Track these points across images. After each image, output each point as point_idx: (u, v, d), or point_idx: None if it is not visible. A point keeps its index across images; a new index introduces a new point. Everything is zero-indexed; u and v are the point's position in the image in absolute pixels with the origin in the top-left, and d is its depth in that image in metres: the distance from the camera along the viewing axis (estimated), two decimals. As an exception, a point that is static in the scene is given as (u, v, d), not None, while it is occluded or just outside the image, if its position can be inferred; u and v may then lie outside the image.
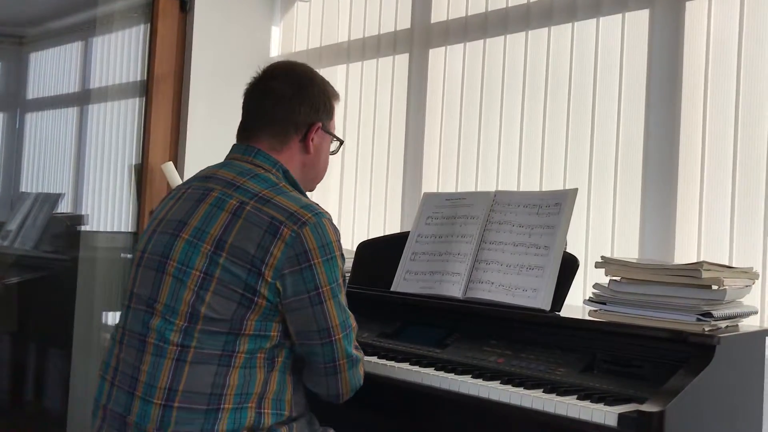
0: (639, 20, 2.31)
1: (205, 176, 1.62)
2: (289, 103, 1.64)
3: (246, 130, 1.67)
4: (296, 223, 1.47)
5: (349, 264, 2.30)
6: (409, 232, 2.16)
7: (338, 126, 3.21)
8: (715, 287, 1.59)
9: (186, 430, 1.42)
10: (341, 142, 1.80)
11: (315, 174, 1.75)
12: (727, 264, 1.92)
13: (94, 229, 3.35)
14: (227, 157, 1.67)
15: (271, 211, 1.48)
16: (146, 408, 1.43)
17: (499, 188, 2.53)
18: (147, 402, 1.44)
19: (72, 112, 3.54)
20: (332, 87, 1.75)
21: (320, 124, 1.68)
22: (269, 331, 1.48)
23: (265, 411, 1.47)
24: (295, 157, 1.66)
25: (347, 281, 1.59)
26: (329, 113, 1.71)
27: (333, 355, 1.53)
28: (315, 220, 1.49)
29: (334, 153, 1.79)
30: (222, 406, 1.43)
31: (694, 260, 1.96)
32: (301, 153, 1.67)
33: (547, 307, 1.79)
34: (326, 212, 1.54)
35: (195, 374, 1.43)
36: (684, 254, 2.15)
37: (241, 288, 1.45)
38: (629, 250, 2.26)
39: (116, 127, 3.41)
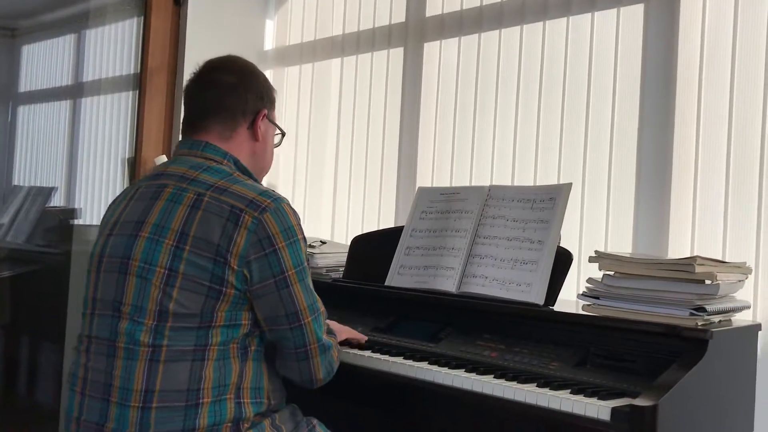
0: (634, 15, 2.30)
1: (155, 174, 1.61)
2: (236, 91, 1.65)
3: (192, 124, 1.66)
4: (256, 209, 1.47)
5: (343, 258, 2.30)
6: (403, 226, 2.16)
7: (332, 120, 3.23)
8: (708, 282, 1.60)
9: (167, 430, 1.40)
10: (283, 134, 1.81)
11: (263, 163, 1.74)
12: (720, 259, 1.93)
13: (87, 223, 3.34)
14: (174, 154, 1.66)
15: (229, 199, 1.48)
16: (124, 413, 1.41)
17: (494, 183, 2.53)
18: (124, 406, 1.42)
19: (65, 105, 3.52)
20: (270, 83, 1.77)
21: (266, 112, 1.69)
22: (240, 320, 1.48)
23: (245, 401, 1.47)
24: (244, 144, 1.66)
25: (307, 267, 1.58)
26: (272, 103, 1.74)
27: (304, 339, 1.53)
28: (275, 205, 1.49)
29: (277, 145, 1.80)
30: (201, 400, 1.42)
31: (688, 255, 1.97)
32: (250, 141, 1.67)
33: (540, 301, 1.80)
34: (284, 197, 1.54)
35: (170, 373, 1.42)
36: (677, 249, 2.15)
37: (207, 280, 1.44)
38: (623, 245, 2.26)
39: (109, 121, 3.39)
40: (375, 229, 2.70)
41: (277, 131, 1.78)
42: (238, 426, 1.45)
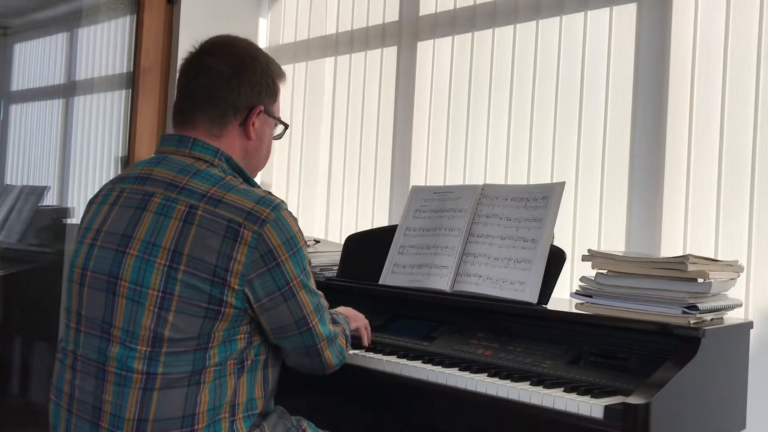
0: (627, 14, 2.31)
1: (140, 176, 1.47)
2: (227, 83, 1.49)
3: (181, 113, 1.53)
4: (256, 222, 1.37)
5: (336, 257, 2.30)
6: (397, 225, 2.16)
7: (326, 118, 3.22)
8: (700, 280, 1.60)
9: None
10: (286, 127, 1.66)
11: (258, 162, 1.61)
12: (712, 257, 1.94)
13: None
14: (159, 150, 1.53)
15: (225, 212, 1.37)
16: None
17: (487, 181, 2.53)
18: None
19: (57, 104, 3.51)
20: (277, 65, 1.60)
21: (262, 108, 1.54)
22: (237, 336, 1.40)
23: (238, 416, 1.42)
24: (236, 143, 1.53)
25: (312, 266, 1.57)
26: (273, 95, 1.58)
27: (313, 340, 1.50)
28: (274, 215, 1.39)
29: (278, 138, 1.66)
30: (196, 426, 1.35)
31: (680, 253, 1.98)
32: (242, 139, 1.54)
33: (534, 300, 1.80)
34: (282, 202, 1.44)
35: (164, 400, 1.34)
36: (670, 247, 2.16)
37: (205, 302, 1.35)
38: (616, 243, 2.27)
39: (102, 119, 3.38)
40: (369, 227, 2.71)
41: (278, 124, 1.64)
42: None
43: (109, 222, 1.45)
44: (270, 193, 1.46)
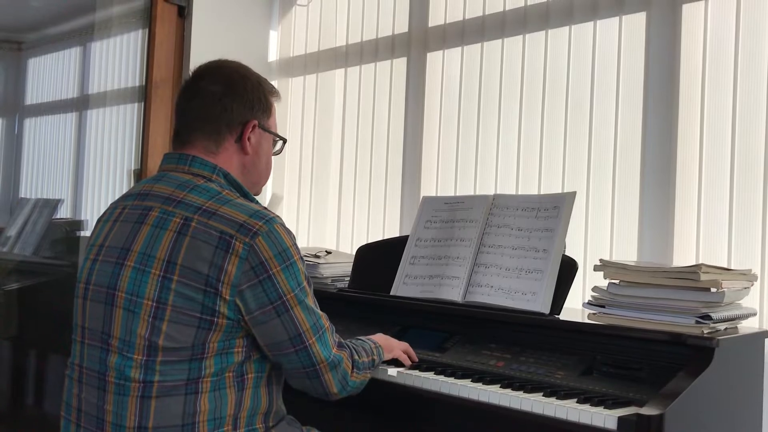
0: (636, 23, 2.31)
1: (141, 193, 1.52)
2: (219, 102, 1.55)
3: (179, 135, 1.58)
4: (247, 234, 1.39)
5: (348, 268, 2.30)
6: (408, 236, 2.17)
7: (336, 130, 3.23)
8: (713, 289, 1.60)
9: None
10: (284, 141, 1.70)
11: (258, 177, 1.64)
12: (725, 266, 1.93)
13: (94, 235, 3.34)
14: (161, 168, 1.58)
15: (218, 224, 1.40)
16: None
17: (498, 192, 2.53)
18: None
19: (71, 118, 3.54)
20: (270, 84, 1.66)
21: (256, 122, 1.58)
22: (233, 348, 1.42)
23: (241, 430, 1.43)
24: (233, 158, 1.56)
25: (312, 282, 1.52)
26: (266, 110, 1.62)
27: (310, 359, 1.48)
28: (267, 228, 1.41)
29: (277, 153, 1.70)
30: None
31: (693, 262, 1.97)
32: (239, 154, 1.57)
33: (546, 310, 1.80)
34: (277, 216, 1.46)
35: (163, 408, 1.36)
36: (682, 256, 2.15)
37: (198, 311, 1.37)
38: (628, 253, 2.26)
39: (115, 133, 3.41)
40: (380, 238, 2.71)
41: (276, 139, 1.67)
42: None
43: (111, 237, 1.50)
44: (266, 208, 1.48)
